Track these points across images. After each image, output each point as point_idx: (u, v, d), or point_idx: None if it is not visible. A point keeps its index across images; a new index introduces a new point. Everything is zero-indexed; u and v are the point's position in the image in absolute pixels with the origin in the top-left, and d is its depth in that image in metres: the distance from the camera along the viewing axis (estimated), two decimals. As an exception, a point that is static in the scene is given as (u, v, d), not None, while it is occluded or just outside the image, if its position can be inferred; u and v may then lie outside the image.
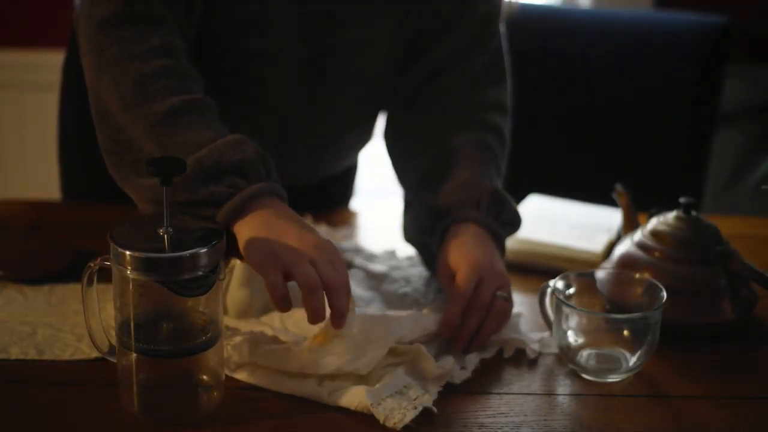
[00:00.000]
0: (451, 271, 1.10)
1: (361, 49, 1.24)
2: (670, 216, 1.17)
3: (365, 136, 1.40)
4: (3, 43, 2.45)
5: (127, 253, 0.86)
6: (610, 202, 1.35)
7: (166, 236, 0.88)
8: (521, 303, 1.19)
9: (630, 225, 1.25)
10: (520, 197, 1.51)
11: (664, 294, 1.04)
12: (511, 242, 1.31)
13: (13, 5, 2.41)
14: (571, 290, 1.08)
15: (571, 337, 1.04)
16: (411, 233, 1.23)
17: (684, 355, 1.09)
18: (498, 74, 1.29)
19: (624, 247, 1.19)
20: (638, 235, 1.18)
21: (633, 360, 1.03)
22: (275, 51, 1.20)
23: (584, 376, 1.04)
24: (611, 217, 1.41)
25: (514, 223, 1.18)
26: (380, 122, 1.38)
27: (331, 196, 1.53)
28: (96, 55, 1.08)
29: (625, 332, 1.04)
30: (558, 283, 1.06)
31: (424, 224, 1.18)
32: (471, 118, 1.25)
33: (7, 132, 2.53)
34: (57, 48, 1.46)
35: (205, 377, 0.93)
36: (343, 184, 1.57)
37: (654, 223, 1.18)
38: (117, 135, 1.05)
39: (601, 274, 1.12)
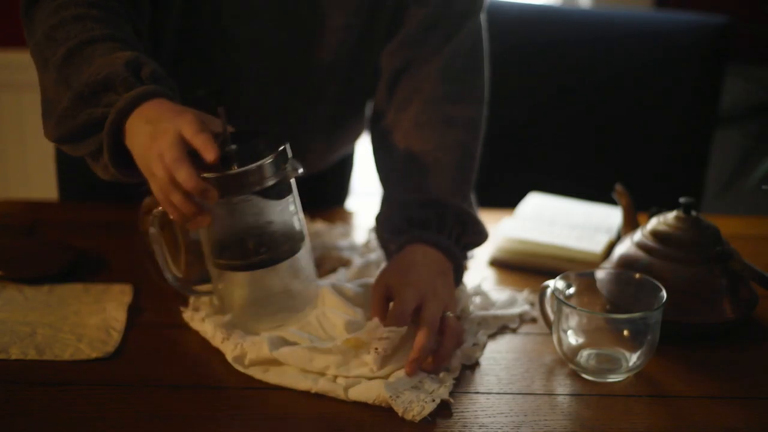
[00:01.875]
0: (384, 288, 1.06)
1: (340, 33, 1.22)
2: (670, 216, 1.17)
3: (352, 127, 1.39)
4: (3, 43, 2.45)
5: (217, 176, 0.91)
6: (610, 202, 1.35)
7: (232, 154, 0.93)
8: (521, 303, 1.19)
9: (630, 225, 1.25)
10: (520, 197, 1.51)
11: (664, 294, 1.04)
12: (511, 242, 1.31)
13: (13, 5, 2.40)
14: (571, 290, 1.08)
15: (571, 337, 1.04)
16: (379, 231, 1.20)
17: (684, 355, 1.09)
18: (473, 62, 1.25)
19: (624, 247, 1.19)
20: (638, 235, 1.18)
21: (633, 360, 1.03)
22: (257, 39, 1.20)
23: (584, 376, 1.04)
24: (611, 217, 1.41)
25: (478, 241, 1.17)
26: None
27: (326, 195, 1.53)
28: (27, 39, 1.10)
29: (625, 332, 1.04)
30: (558, 283, 1.06)
31: (383, 235, 1.17)
32: (444, 116, 1.21)
33: (7, 132, 2.52)
34: (57, 48, 1.46)
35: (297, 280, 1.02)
36: (338, 183, 1.57)
37: (654, 223, 1.18)
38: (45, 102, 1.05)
39: (601, 274, 1.12)
